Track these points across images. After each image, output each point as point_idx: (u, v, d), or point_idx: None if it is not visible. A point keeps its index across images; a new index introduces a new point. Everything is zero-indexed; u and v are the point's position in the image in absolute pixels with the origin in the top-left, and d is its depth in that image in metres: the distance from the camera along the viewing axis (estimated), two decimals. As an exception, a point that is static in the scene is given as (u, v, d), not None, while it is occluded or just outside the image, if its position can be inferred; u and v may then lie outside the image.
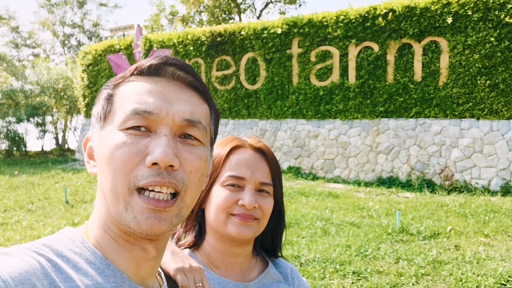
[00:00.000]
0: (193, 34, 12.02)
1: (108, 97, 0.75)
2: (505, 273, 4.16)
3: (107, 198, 0.70)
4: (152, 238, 0.72)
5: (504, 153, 8.26)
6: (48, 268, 0.64)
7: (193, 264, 0.98)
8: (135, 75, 0.74)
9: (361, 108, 9.69)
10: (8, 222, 6.83)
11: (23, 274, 0.59)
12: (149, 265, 0.75)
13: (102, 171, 0.71)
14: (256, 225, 1.14)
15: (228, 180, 1.14)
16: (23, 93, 17.26)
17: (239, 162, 1.15)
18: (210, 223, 1.17)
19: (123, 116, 0.70)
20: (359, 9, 9.59)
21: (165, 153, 0.67)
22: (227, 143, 1.20)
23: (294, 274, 1.27)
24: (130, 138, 0.69)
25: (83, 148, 0.79)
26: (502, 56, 8.15)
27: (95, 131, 0.76)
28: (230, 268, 1.18)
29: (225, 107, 11.57)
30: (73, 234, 0.73)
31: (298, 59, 10.43)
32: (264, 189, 1.16)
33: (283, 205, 1.25)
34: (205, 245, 1.20)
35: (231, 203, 1.12)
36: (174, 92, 0.73)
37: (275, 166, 1.19)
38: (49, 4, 28.82)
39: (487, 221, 6.03)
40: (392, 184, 9.11)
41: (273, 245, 1.27)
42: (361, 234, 5.59)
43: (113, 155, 0.68)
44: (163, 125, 0.70)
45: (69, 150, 19.33)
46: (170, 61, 0.74)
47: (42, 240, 0.70)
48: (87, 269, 0.68)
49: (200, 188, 0.75)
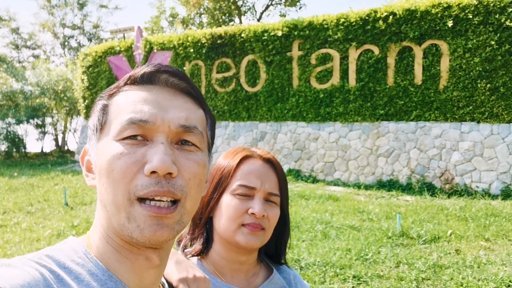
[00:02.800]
0: (194, 36, 12.03)
1: (103, 108, 0.74)
2: (506, 278, 4.15)
3: (108, 210, 0.70)
4: (155, 246, 0.72)
5: (504, 157, 8.26)
6: (50, 280, 0.63)
7: (197, 274, 0.97)
8: (129, 84, 0.74)
9: (361, 111, 9.69)
10: (7, 224, 6.82)
11: (25, 285, 0.59)
12: (152, 274, 0.75)
13: (102, 183, 0.70)
14: (263, 235, 1.16)
15: (239, 189, 1.16)
16: (23, 95, 17.25)
17: (249, 172, 1.17)
18: (219, 231, 1.18)
19: (119, 127, 0.70)
20: (360, 12, 9.60)
21: (163, 161, 0.66)
22: (236, 153, 1.22)
23: (297, 279, 1.30)
24: (127, 148, 0.68)
25: (81, 162, 0.79)
26: (503, 60, 8.16)
27: (92, 144, 0.75)
28: (236, 275, 1.20)
29: (225, 109, 11.56)
30: (76, 244, 0.73)
31: (299, 61, 10.43)
32: (272, 199, 1.18)
33: (288, 215, 1.28)
34: (212, 253, 1.22)
35: (241, 212, 1.14)
36: (168, 99, 0.73)
37: (283, 178, 1.22)
38: (49, 6, 28.86)
39: (487, 225, 6.02)
40: (392, 187, 9.10)
41: (277, 252, 1.30)
42: (362, 237, 5.58)
43: (111, 166, 0.68)
44: (159, 133, 0.70)
45: (69, 152, 19.32)
46: (163, 69, 0.73)
47: (45, 251, 0.70)
48: (89, 281, 0.68)
49: (200, 194, 0.75)
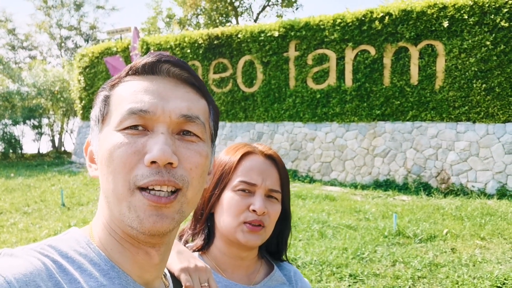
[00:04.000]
0: (190, 37, 12.03)
1: (104, 99, 0.74)
2: (501, 276, 4.18)
3: (109, 200, 0.70)
4: (155, 236, 0.70)
5: (500, 157, 8.30)
6: (53, 269, 0.64)
7: (198, 264, 0.97)
8: (130, 75, 0.74)
9: (358, 111, 9.72)
10: (4, 225, 6.80)
11: (27, 275, 0.59)
12: (153, 270, 0.75)
13: (103, 173, 0.70)
14: (263, 233, 1.16)
15: (240, 185, 1.15)
16: (19, 95, 17.18)
17: (250, 168, 1.17)
18: (220, 227, 1.18)
19: (120, 117, 0.70)
20: (356, 13, 9.63)
21: (163, 151, 0.66)
22: (238, 149, 1.21)
23: (297, 276, 1.30)
24: (128, 137, 0.68)
25: (84, 152, 0.79)
26: (498, 60, 8.20)
27: (94, 135, 0.75)
28: (237, 271, 1.20)
29: (222, 109, 11.57)
30: (78, 234, 0.73)
31: (295, 62, 10.45)
32: (273, 195, 1.17)
33: (290, 211, 1.27)
34: (213, 248, 1.22)
35: (242, 208, 1.14)
36: (169, 89, 0.72)
37: (284, 174, 1.21)
38: (46, 7, 28.79)
39: (483, 224, 6.06)
40: (388, 187, 9.13)
41: (278, 249, 1.30)
42: (358, 236, 5.60)
43: (111, 156, 0.68)
44: (160, 123, 0.69)
45: (66, 153, 19.26)
46: (164, 58, 0.73)
47: (47, 241, 0.70)
48: (92, 271, 0.68)
49: (202, 185, 0.74)
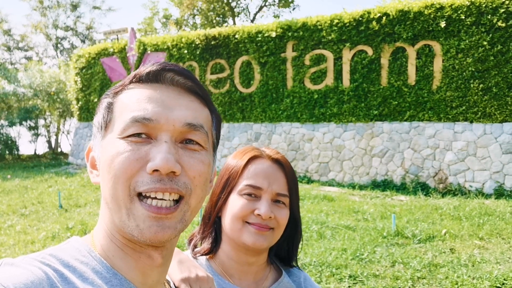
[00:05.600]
0: (187, 37, 12.01)
1: (108, 106, 0.74)
2: (500, 276, 4.18)
3: (110, 206, 0.70)
4: (157, 245, 0.71)
5: (497, 156, 8.32)
6: (54, 279, 0.63)
7: (200, 274, 0.96)
8: (134, 83, 0.74)
9: (356, 112, 9.72)
10: (1, 227, 6.76)
11: (28, 284, 0.59)
12: (156, 273, 0.75)
13: (104, 179, 0.70)
14: (271, 235, 1.14)
15: (245, 189, 1.14)
16: (15, 97, 17.13)
17: (256, 172, 1.16)
18: (226, 231, 1.17)
19: (123, 125, 0.69)
20: (353, 13, 9.63)
21: (166, 159, 0.66)
22: (245, 153, 1.20)
23: (307, 282, 1.26)
24: (131, 145, 0.68)
25: (86, 158, 0.79)
26: (495, 60, 8.22)
27: (96, 141, 0.75)
28: (244, 277, 1.18)
29: (220, 110, 11.55)
30: (79, 243, 0.73)
31: (293, 62, 10.45)
32: (280, 200, 1.16)
33: (299, 216, 1.25)
34: (220, 253, 1.20)
35: (247, 212, 1.12)
36: (173, 98, 0.72)
37: (292, 178, 1.19)
38: (41, 7, 28.66)
39: (481, 224, 6.06)
40: (386, 187, 9.14)
41: (288, 255, 1.27)
42: (357, 237, 5.59)
43: (113, 162, 0.68)
44: (163, 132, 0.69)
45: (62, 154, 19.21)
46: (168, 67, 0.73)
47: (48, 250, 0.69)
48: (94, 279, 0.67)
49: (205, 192, 0.75)
